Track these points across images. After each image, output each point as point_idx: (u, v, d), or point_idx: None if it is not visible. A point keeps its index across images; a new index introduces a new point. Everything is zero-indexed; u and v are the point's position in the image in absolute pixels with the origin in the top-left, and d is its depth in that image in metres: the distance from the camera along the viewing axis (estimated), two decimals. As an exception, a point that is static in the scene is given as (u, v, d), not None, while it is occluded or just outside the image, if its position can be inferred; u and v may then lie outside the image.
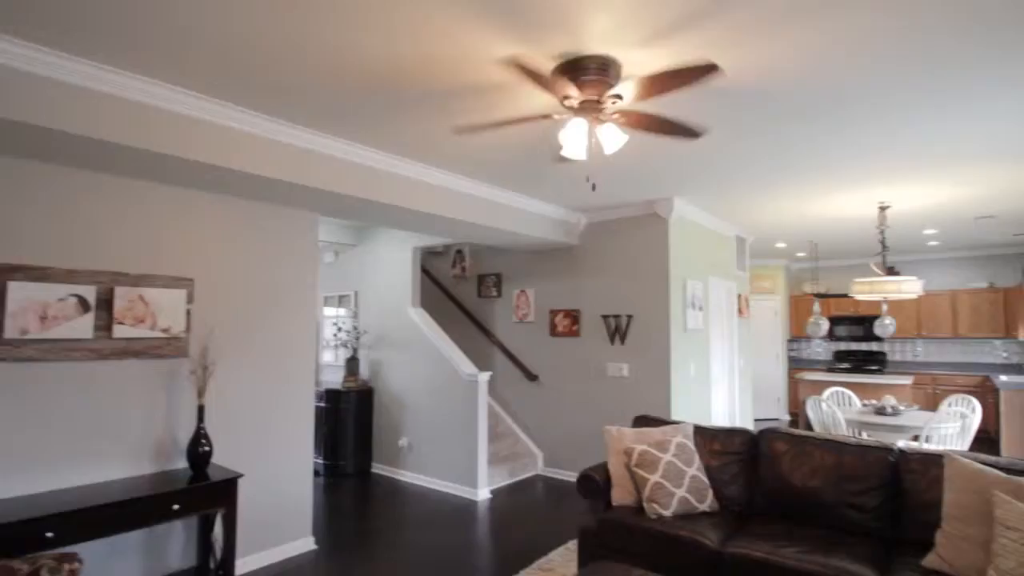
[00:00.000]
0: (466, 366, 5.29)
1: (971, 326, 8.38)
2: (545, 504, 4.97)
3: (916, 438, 4.95)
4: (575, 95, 2.58)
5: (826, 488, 3.04)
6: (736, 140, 3.55)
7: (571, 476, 5.71)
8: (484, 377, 5.19)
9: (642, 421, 3.81)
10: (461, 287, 6.94)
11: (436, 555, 3.85)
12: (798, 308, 9.88)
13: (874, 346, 9.36)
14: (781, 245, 8.10)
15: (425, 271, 7.15)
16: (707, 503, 3.19)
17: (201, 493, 3.05)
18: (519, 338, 6.27)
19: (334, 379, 6.39)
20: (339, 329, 6.12)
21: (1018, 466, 2.60)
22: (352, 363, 6.01)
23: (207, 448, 3.23)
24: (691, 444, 3.37)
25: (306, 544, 3.99)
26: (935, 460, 2.84)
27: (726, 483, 3.36)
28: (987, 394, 7.51)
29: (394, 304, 5.94)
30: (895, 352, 9.24)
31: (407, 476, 5.66)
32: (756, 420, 8.59)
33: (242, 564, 3.60)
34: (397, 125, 3.25)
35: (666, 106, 2.95)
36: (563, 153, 2.75)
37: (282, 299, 3.96)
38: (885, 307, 6.71)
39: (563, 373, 5.86)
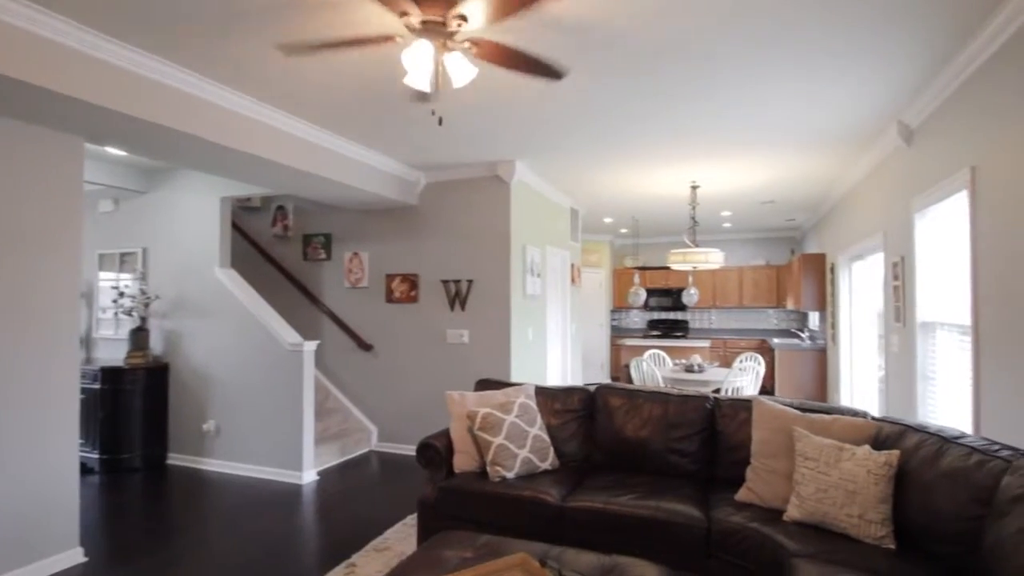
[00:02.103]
0: (289, 335, 4.68)
1: (752, 297, 9.84)
2: (380, 481, 4.64)
3: (718, 390, 5.60)
4: (415, 13, 2.26)
5: (655, 437, 3.19)
6: (577, 100, 3.53)
7: (409, 449, 5.44)
8: (310, 347, 4.64)
9: (484, 384, 3.67)
10: (283, 248, 6.16)
11: (250, 551, 3.32)
12: (620, 281, 10.71)
13: (680, 315, 10.55)
14: (608, 220, 8.61)
15: (238, 230, 6.21)
16: (548, 461, 3.17)
17: None
18: (351, 305, 5.76)
19: (115, 355, 5.26)
20: (121, 295, 5.01)
21: (807, 405, 2.95)
22: (139, 335, 4.97)
23: (-101, 446, 2.33)
24: (533, 404, 3.32)
25: (72, 557, 3.18)
26: (744, 404, 3.12)
27: (566, 440, 3.38)
28: (764, 354, 8.87)
29: (197, 264, 5.02)
30: (695, 320, 10.52)
31: (214, 465, 4.89)
32: (584, 384, 9.17)
33: (-32, 595, 2.73)
34: (206, 39, 2.60)
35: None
36: (406, 80, 2.41)
37: (25, 249, 3.02)
38: (691, 279, 7.51)
39: (400, 341, 5.53)
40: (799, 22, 2.58)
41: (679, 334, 10.20)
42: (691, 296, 7.00)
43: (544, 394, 3.54)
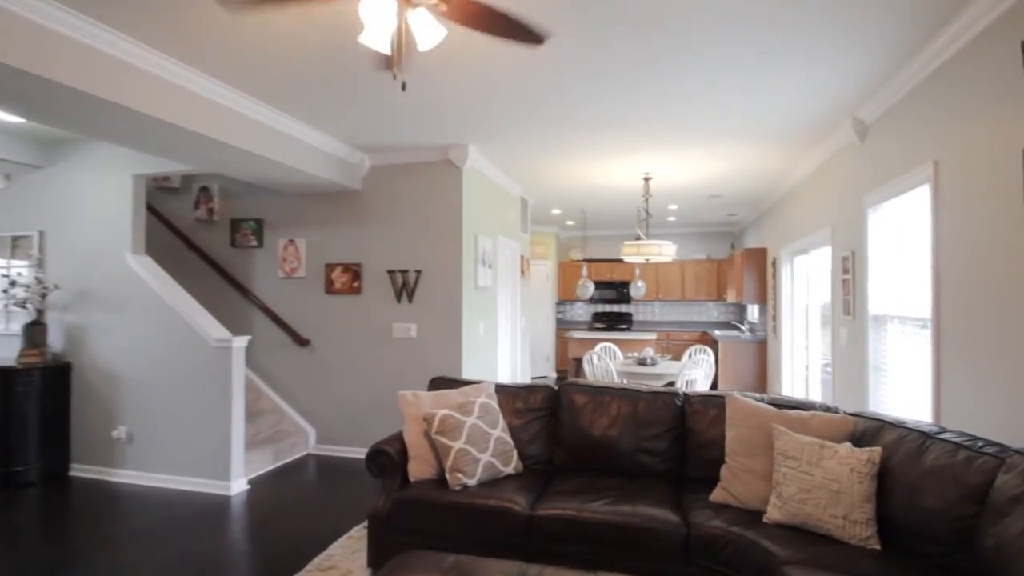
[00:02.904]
0: (215, 329, 4.20)
1: (694, 291, 10.03)
2: (321, 488, 4.26)
3: (672, 383, 5.56)
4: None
5: (624, 436, 3.04)
6: (531, 81, 3.31)
7: (350, 452, 5.07)
8: (240, 342, 4.18)
9: (440, 383, 3.39)
10: (207, 234, 5.57)
11: (171, 575, 2.89)
12: (566, 273, 10.64)
13: (624, 308, 10.61)
14: (556, 211, 8.47)
15: (154, 213, 5.57)
16: (512, 465, 2.94)
17: None
18: (286, 297, 5.29)
19: (5, 353, 4.56)
20: (12, 284, 4.32)
21: (780, 401, 2.87)
22: (34, 330, 4.31)
23: None
24: (495, 404, 3.08)
25: (-57, 597, 2.65)
26: (716, 401, 3.01)
27: (529, 442, 3.16)
28: (707, 346, 9.04)
29: (105, 250, 4.42)
30: (639, 313, 10.61)
31: (127, 476, 4.33)
32: (533, 378, 9.00)
33: None
34: None
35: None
36: (361, 39, 2.09)
37: None
38: (638, 272, 7.50)
39: (341, 336, 5.13)
40: (758, 9, 2.47)
41: (624, 326, 10.26)
42: (639, 289, 6.99)
43: (504, 392, 3.31)
